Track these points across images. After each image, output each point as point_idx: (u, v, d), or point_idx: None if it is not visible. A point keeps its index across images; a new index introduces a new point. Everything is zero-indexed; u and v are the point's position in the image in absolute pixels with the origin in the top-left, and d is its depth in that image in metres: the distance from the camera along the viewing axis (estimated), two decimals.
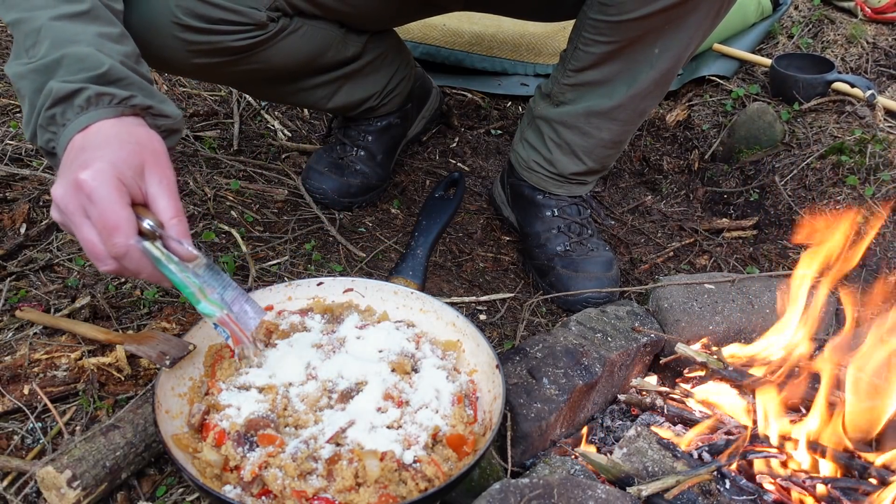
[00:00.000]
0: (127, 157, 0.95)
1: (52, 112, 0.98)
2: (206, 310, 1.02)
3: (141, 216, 0.95)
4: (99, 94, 0.98)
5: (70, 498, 0.99)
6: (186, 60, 1.40)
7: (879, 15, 2.53)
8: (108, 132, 0.98)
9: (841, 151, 1.96)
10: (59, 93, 0.97)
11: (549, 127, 1.61)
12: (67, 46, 1.00)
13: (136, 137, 0.99)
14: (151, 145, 0.99)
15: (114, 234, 0.92)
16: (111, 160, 0.93)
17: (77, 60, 0.99)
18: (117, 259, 0.94)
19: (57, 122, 0.99)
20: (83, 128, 0.97)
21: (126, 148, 0.96)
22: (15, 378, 1.19)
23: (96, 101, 0.98)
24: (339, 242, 1.70)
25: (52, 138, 1.01)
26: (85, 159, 0.94)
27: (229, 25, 1.38)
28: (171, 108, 1.07)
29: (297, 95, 1.71)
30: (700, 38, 1.44)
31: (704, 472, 1.07)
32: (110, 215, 0.92)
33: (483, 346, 1.21)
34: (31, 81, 1.00)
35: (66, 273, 1.46)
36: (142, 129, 1.01)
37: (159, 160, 0.99)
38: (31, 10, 1.02)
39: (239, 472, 1.00)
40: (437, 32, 2.35)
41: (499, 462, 1.16)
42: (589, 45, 1.46)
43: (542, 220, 1.69)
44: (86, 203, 0.92)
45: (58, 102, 0.98)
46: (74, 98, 0.97)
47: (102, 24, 1.04)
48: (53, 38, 1.00)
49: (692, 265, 1.85)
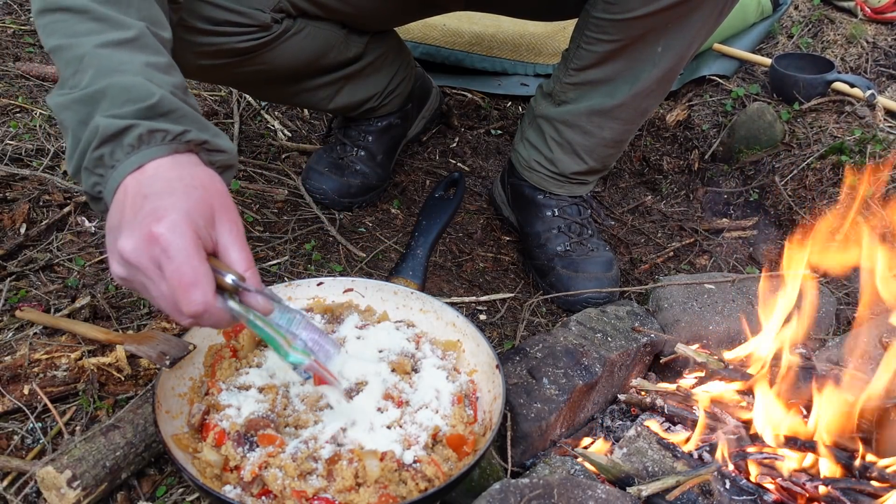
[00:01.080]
0: (197, 206, 0.87)
1: (100, 152, 0.89)
2: (295, 360, 0.97)
3: (219, 270, 0.89)
4: (151, 130, 0.89)
5: (70, 498, 0.99)
6: (191, 62, 1.40)
7: (879, 15, 2.53)
8: (168, 175, 0.89)
9: (841, 151, 1.96)
10: (106, 130, 0.88)
11: (551, 126, 1.61)
12: (113, 76, 0.91)
13: (199, 181, 0.90)
14: (215, 188, 0.91)
15: (191, 291, 0.85)
16: (185, 210, 0.85)
17: (123, 90, 0.91)
18: (194, 317, 0.87)
19: (105, 164, 0.90)
20: (135, 168, 0.89)
21: (194, 195, 0.88)
22: (15, 378, 1.19)
23: (148, 139, 0.89)
24: (339, 242, 1.70)
25: (100, 182, 0.91)
26: (154, 209, 0.85)
27: (234, 27, 1.39)
28: (226, 143, 0.99)
29: (299, 96, 1.72)
30: (703, 36, 1.44)
31: (705, 473, 1.07)
32: (188, 272, 0.84)
33: (483, 346, 1.21)
34: (75, 113, 0.92)
35: (66, 273, 1.46)
36: (202, 171, 0.93)
37: (227, 206, 0.91)
38: (73, 36, 0.95)
39: (239, 472, 1.00)
40: (437, 32, 2.35)
41: (499, 462, 1.16)
42: (592, 44, 1.46)
43: (543, 220, 1.69)
44: (161, 258, 0.84)
45: (106, 142, 0.89)
46: (124, 136, 0.89)
47: (150, 54, 0.96)
48: (98, 66, 0.92)
49: (692, 265, 1.85)
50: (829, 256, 1.37)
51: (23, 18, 2.31)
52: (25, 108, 1.91)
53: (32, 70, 2.05)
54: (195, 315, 0.87)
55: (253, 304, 0.92)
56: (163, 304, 0.88)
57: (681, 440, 1.21)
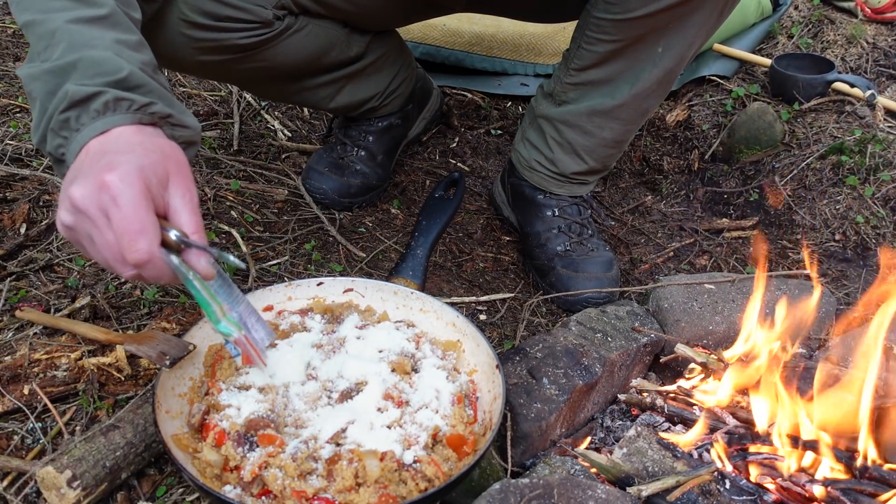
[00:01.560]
0: (153, 165, 0.90)
1: (67, 115, 0.93)
2: (224, 329, 1.00)
3: (165, 227, 0.91)
4: (118, 98, 0.93)
5: (70, 498, 0.99)
6: (192, 58, 1.40)
7: (879, 15, 2.53)
8: (131, 139, 0.93)
9: (841, 151, 1.96)
10: (75, 96, 0.93)
11: (551, 126, 1.61)
12: (84, 50, 0.95)
13: (160, 147, 0.94)
14: (176, 156, 0.95)
15: (137, 239, 0.87)
16: (139, 165, 0.88)
17: (94, 64, 0.94)
18: (137, 266, 0.89)
19: (70, 127, 0.94)
20: (99, 133, 0.93)
21: (151, 156, 0.91)
22: (15, 378, 1.19)
23: (114, 106, 0.93)
24: (339, 242, 1.70)
25: (63, 143, 0.95)
26: (109, 161, 0.88)
27: (236, 23, 1.39)
28: (190, 119, 1.03)
29: (300, 95, 1.72)
30: (704, 36, 1.44)
31: (705, 473, 1.07)
32: (135, 220, 0.86)
33: (483, 346, 1.21)
34: (44, 83, 0.95)
35: (66, 273, 1.46)
36: (164, 140, 0.97)
37: (183, 172, 0.94)
38: (46, 11, 0.98)
39: (239, 472, 1.00)
40: (437, 32, 2.35)
41: (499, 462, 1.16)
42: (593, 44, 1.46)
43: (543, 220, 1.69)
44: (109, 205, 0.87)
45: (73, 106, 0.93)
46: (91, 102, 0.93)
47: (121, 31, 1.00)
48: (69, 41, 0.96)
49: (692, 265, 1.85)
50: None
51: None
52: (25, 109, 1.91)
53: None
54: (138, 264, 0.88)
55: (194, 264, 0.93)
56: (106, 254, 0.89)
57: (680, 440, 1.21)
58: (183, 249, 0.92)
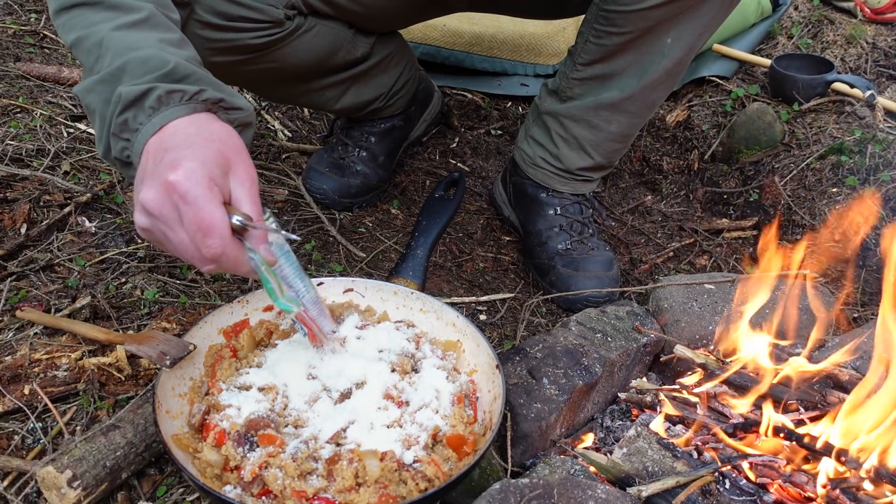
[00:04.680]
0: (214, 156, 0.91)
1: (124, 117, 0.94)
2: (283, 306, 1.04)
3: (229, 212, 0.92)
4: (169, 91, 0.94)
5: (70, 498, 0.99)
6: (204, 59, 1.40)
7: (879, 15, 2.53)
8: (187, 131, 0.93)
9: (841, 152, 1.96)
10: (128, 96, 0.93)
11: (557, 122, 1.61)
12: (130, 53, 0.97)
13: (217, 135, 0.95)
14: (232, 142, 0.96)
15: (209, 234, 0.88)
16: (201, 159, 0.89)
17: (141, 63, 0.96)
18: (213, 260, 0.91)
19: (129, 128, 0.95)
20: (157, 130, 0.93)
21: (211, 146, 0.92)
22: (15, 378, 1.19)
23: (167, 100, 0.94)
24: (339, 242, 1.70)
25: (127, 146, 0.96)
26: (172, 159, 0.89)
27: (248, 23, 1.40)
28: (242, 101, 1.03)
29: (307, 96, 1.73)
30: (713, 27, 1.44)
31: (705, 473, 1.07)
32: (206, 216, 0.88)
33: (483, 347, 1.21)
34: (99, 93, 0.97)
35: (66, 273, 1.46)
36: (219, 125, 0.97)
37: (243, 159, 0.95)
38: (89, 26, 1.00)
39: (239, 472, 1.00)
40: (438, 33, 2.36)
41: (499, 462, 1.16)
42: (601, 37, 1.45)
43: (545, 219, 1.69)
44: (180, 204, 0.88)
45: (128, 107, 0.94)
46: (145, 99, 0.94)
47: (163, 31, 1.02)
48: (115, 48, 0.97)
49: (692, 265, 1.85)
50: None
51: (23, 19, 2.31)
52: (26, 109, 1.91)
53: (33, 70, 2.05)
54: (214, 258, 0.90)
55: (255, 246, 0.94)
56: (184, 252, 0.91)
57: (680, 440, 1.21)
58: (247, 232, 0.94)
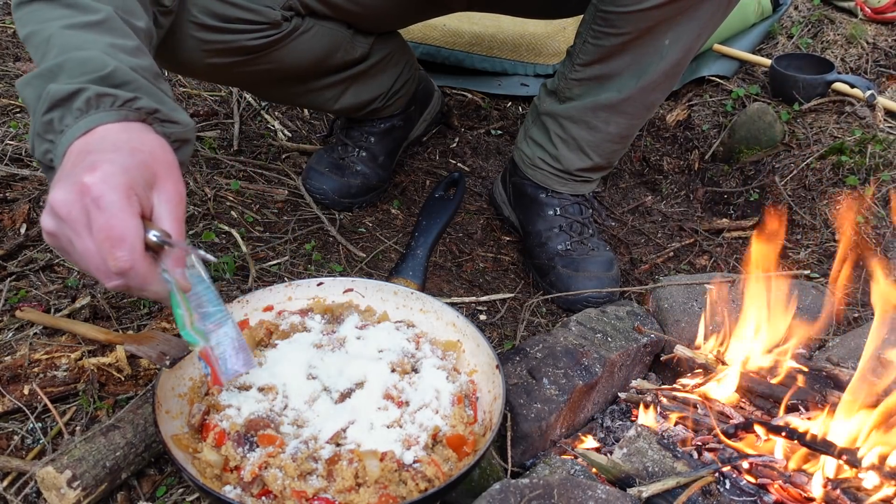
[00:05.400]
0: (139, 166, 0.85)
1: (50, 117, 0.89)
2: (188, 336, 0.94)
3: (146, 227, 0.85)
4: (99, 94, 0.89)
5: (70, 498, 0.99)
6: (202, 61, 1.40)
7: (879, 15, 2.53)
8: (117, 137, 0.88)
9: (841, 151, 1.96)
10: (56, 95, 0.88)
11: (556, 123, 1.61)
12: (72, 52, 0.92)
13: (147, 146, 0.88)
14: (164, 156, 0.89)
15: (118, 245, 0.81)
16: (124, 165, 0.83)
17: (80, 63, 0.91)
18: (120, 274, 0.83)
19: (54, 129, 0.89)
20: (83, 133, 0.87)
21: (138, 156, 0.85)
22: (15, 378, 1.19)
23: (97, 103, 0.89)
24: (339, 242, 1.70)
25: (50, 148, 0.90)
26: (92, 162, 0.83)
27: (245, 24, 1.40)
28: (182, 116, 0.98)
29: (305, 97, 1.73)
30: (711, 28, 1.44)
31: (706, 474, 1.07)
32: (117, 224, 0.81)
33: (483, 347, 1.21)
34: (34, 88, 0.92)
35: (66, 273, 1.46)
36: (152, 137, 0.91)
37: (172, 174, 0.88)
38: (43, 22, 0.97)
39: (239, 473, 1.00)
40: (438, 33, 2.35)
41: (499, 462, 1.16)
42: (599, 38, 1.45)
43: (544, 219, 1.69)
44: (91, 209, 0.81)
45: (55, 106, 0.89)
46: (73, 100, 0.88)
47: (117, 36, 0.97)
48: (61, 45, 0.94)
49: (692, 265, 1.85)
50: None
51: None
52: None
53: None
54: (121, 272, 0.82)
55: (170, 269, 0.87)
56: (88, 262, 0.84)
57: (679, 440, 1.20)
58: (163, 251, 0.87)
